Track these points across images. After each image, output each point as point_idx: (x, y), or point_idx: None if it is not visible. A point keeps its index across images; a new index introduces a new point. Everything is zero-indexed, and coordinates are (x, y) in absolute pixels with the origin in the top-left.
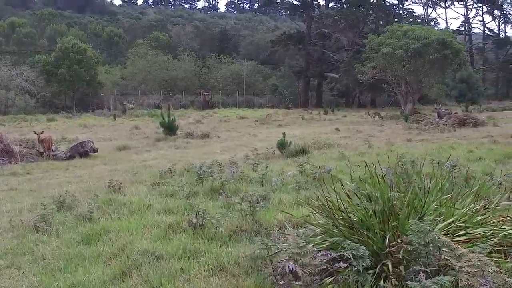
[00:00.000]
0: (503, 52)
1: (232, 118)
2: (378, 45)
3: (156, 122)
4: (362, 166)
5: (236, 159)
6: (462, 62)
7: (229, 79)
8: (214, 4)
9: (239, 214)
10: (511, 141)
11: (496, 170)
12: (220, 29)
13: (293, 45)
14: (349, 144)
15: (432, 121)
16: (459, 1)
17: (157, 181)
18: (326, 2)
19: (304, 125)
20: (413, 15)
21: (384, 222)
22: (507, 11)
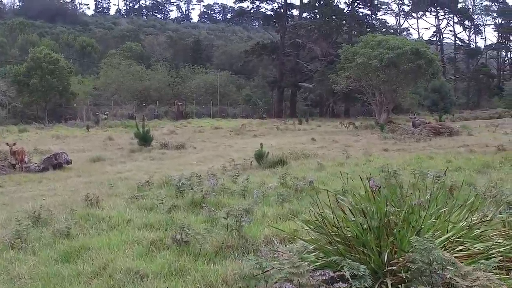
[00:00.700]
0: (474, 62)
1: (207, 129)
2: (353, 55)
3: (130, 133)
4: (342, 176)
5: (213, 170)
6: (436, 71)
7: (202, 89)
8: (187, 14)
9: (225, 230)
10: (487, 151)
11: (477, 180)
12: (193, 39)
13: (267, 55)
14: (326, 154)
15: (407, 130)
16: (430, 11)
17: (135, 194)
18: (299, 12)
19: (279, 135)
20: (386, 25)
21: (380, 238)
22: (477, 21)
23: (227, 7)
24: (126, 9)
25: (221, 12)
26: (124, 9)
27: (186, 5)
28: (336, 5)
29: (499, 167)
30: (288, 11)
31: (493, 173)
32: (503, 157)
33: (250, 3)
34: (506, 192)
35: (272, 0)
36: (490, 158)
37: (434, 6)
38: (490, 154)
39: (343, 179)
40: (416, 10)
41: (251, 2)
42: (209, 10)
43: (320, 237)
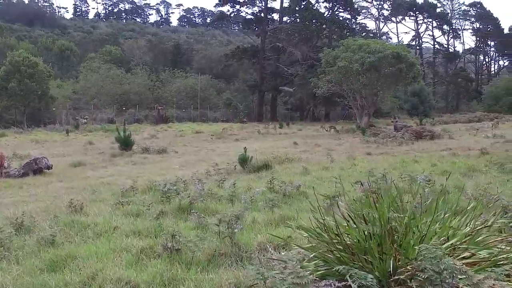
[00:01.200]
0: (452, 66)
1: (188, 133)
2: (334, 59)
3: (111, 137)
4: (328, 181)
5: (198, 175)
6: (416, 75)
7: (183, 93)
8: (167, 18)
9: (216, 237)
10: (471, 154)
11: (464, 183)
12: (173, 43)
13: (247, 59)
14: (310, 158)
15: (390, 134)
16: (409, 16)
17: (120, 200)
18: (280, 16)
19: (261, 139)
20: (366, 29)
21: (383, 245)
22: (456, 26)
23: (206, 11)
24: (105, 13)
25: (200, 16)
26: (103, 13)
27: (166, 9)
28: (316, 9)
29: (485, 171)
30: (268, 15)
31: (480, 176)
32: (488, 161)
33: (230, 7)
34: (501, 197)
35: (252, 4)
36: (475, 162)
37: (413, 11)
38: (474, 158)
39: (331, 184)
40: (396, 15)
41: (231, 6)
42: (188, 14)
43: (320, 244)
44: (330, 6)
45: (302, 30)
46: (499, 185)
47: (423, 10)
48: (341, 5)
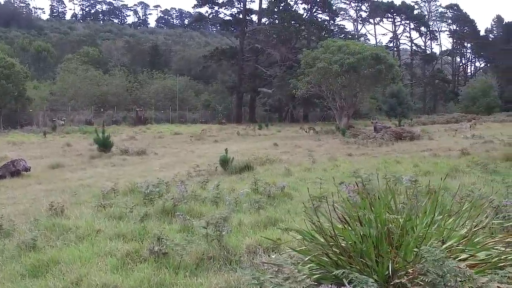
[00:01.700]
0: (430, 67)
1: (167, 134)
2: (313, 60)
3: (89, 138)
4: (312, 182)
5: (179, 176)
6: (396, 76)
7: (161, 95)
8: (144, 19)
9: (204, 239)
10: (452, 154)
11: (449, 184)
12: (151, 44)
13: (226, 60)
14: (291, 160)
15: (370, 135)
16: (387, 18)
17: (101, 202)
18: (258, 17)
19: (240, 140)
20: (344, 31)
21: (379, 248)
22: (433, 28)
23: (184, 13)
24: (82, 14)
25: (178, 18)
26: (80, 14)
27: (143, 10)
28: (295, 11)
29: (468, 171)
30: (247, 16)
31: (464, 177)
32: (469, 161)
33: (208, 8)
34: (490, 197)
35: (231, 5)
36: (457, 162)
37: (390, 13)
38: (455, 158)
39: (315, 185)
40: (373, 16)
41: (210, 7)
42: (166, 15)
43: (314, 247)
44: (308, 7)
45: (280, 31)
46: (484, 185)
47: (400, 12)
48: (319, 7)
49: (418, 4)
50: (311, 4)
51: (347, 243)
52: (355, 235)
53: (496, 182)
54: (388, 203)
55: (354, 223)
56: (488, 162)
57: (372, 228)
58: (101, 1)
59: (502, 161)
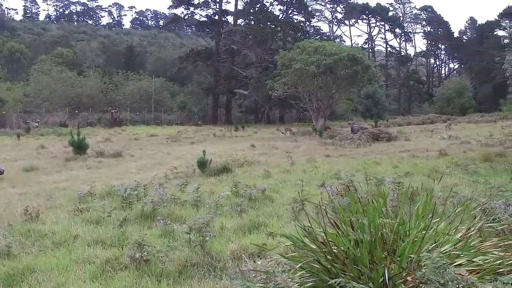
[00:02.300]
0: (404, 68)
1: (142, 136)
2: (290, 61)
3: (64, 140)
4: (292, 184)
5: (157, 179)
6: (372, 77)
7: (136, 96)
8: (119, 20)
9: (187, 245)
10: (430, 155)
11: (428, 184)
12: (126, 46)
13: (202, 61)
14: (269, 161)
15: (347, 136)
16: (362, 19)
17: (78, 206)
18: (234, 18)
19: (217, 142)
20: (320, 32)
21: (373, 254)
22: (408, 29)
23: (159, 14)
24: (56, 15)
25: (153, 19)
26: (54, 15)
27: (118, 11)
28: (271, 12)
29: (448, 172)
30: (223, 17)
31: (445, 178)
32: (449, 162)
33: (184, 9)
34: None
35: (206, 6)
36: (435, 163)
37: (366, 14)
38: (433, 159)
39: (296, 187)
40: (349, 18)
41: (186, 8)
42: (141, 16)
43: (305, 253)
44: (284, 8)
45: (256, 33)
46: (466, 186)
47: (375, 14)
48: (295, 8)
49: (393, 5)
50: (286, 6)
51: (340, 249)
52: (348, 240)
53: (479, 183)
54: (381, 207)
55: (346, 228)
56: (468, 163)
57: (366, 233)
58: (75, 2)
59: (481, 162)
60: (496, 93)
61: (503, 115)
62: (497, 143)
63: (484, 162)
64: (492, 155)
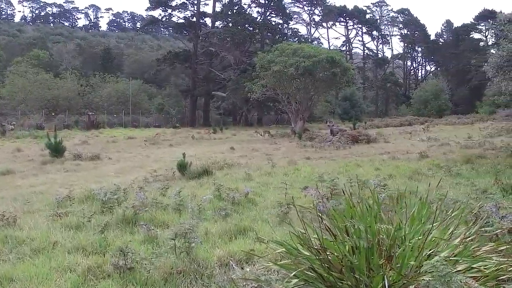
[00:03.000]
0: (382, 71)
1: (120, 139)
2: (268, 63)
3: (40, 143)
4: (274, 187)
5: (136, 182)
6: (350, 79)
7: (114, 98)
8: (95, 22)
9: (172, 252)
10: (410, 157)
11: (412, 187)
12: (103, 48)
13: (180, 63)
14: (249, 164)
15: (326, 138)
16: (340, 22)
17: (56, 211)
18: (212, 20)
19: (195, 144)
20: (298, 34)
21: (370, 261)
22: (385, 32)
23: (136, 16)
24: (31, 16)
25: (130, 21)
26: (29, 16)
27: (94, 13)
28: (249, 14)
29: (431, 175)
30: (201, 19)
31: (429, 180)
32: (430, 164)
33: (162, 11)
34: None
35: (184, 8)
36: (417, 165)
37: (343, 17)
38: (414, 161)
39: (279, 190)
40: (326, 20)
41: (163, 10)
42: (118, 18)
43: (298, 261)
44: (262, 11)
45: (234, 35)
46: (450, 189)
47: (353, 16)
48: (273, 10)
49: (370, 8)
50: (264, 8)
51: (335, 257)
52: (345, 247)
53: (463, 185)
54: (377, 212)
55: (342, 234)
56: (449, 164)
57: (362, 239)
58: (51, 4)
59: (462, 164)
60: (472, 95)
61: (479, 116)
62: (477, 144)
63: (465, 164)
64: (472, 156)
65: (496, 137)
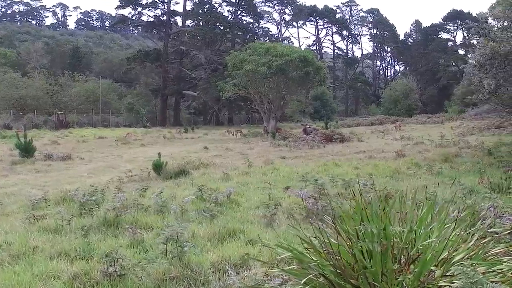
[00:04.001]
0: (351, 70)
1: (90, 138)
2: (241, 62)
3: (8, 143)
4: (254, 187)
5: (112, 183)
6: (323, 79)
7: (83, 98)
8: (63, 21)
9: (163, 257)
10: (387, 156)
11: (395, 186)
12: (71, 46)
13: (150, 62)
14: (225, 163)
15: (300, 137)
16: (310, 21)
17: (33, 214)
18: (183, 19)
19: (168, 144)
20: (269, 33)
21: (383, 266)
22: (354, 32)
23: (105, 14)
24: None
25: (99, 19)
26: None
27: (62, 12)
28: (220, 13)
29: (412, 174)
30: (171, 18)
31: (411, 179)
32: (409, 163)
33: (132, 9)
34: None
35: (154, 7)
36: (396, 164)
37: (313, 16)
38: (392, 160)
39: (260, 190)
40: (297, 20)
41: (133, 8)
42: (86, 17)
43: (306, 266)
44: (233, 10)
45: (205, 34)
46: (434, 188)
47: (323, 16)
48: (244, 9)
49: (340, 8)
50: (235, 7)
51: (346, 262)
52: (360, 252)
53: (448, 184)
54: (388, 214)
55: (355, 238)
56: (430, 163)
57: (375, 243)
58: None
59: (441, 163)
60: (441, 95)
61: (448, 116)
62: (451, 143)
63: (444, 163)
64: (450, 155)
65: (468, 136)
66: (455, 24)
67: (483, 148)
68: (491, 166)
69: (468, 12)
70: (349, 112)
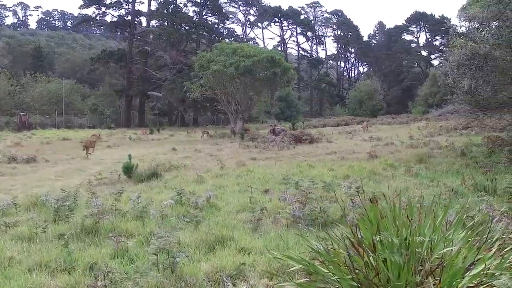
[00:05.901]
0: (316, 71)
1: (54, 140)
2: (208, 62)
3: None
4: (229, 189)
5: (82, 186)
6: (290, 79)
7: (46, 99)
8: (24, 20)
9: (155, 268)
10: (359, 157)
11: (375, 188)
12: (33, 46)
13: (114, 63)
14: (195, 165)
15: (269, 138)
16: (275, 22)
17: (4, 220)
18: (147, 19)
19: (134, 145)
20: (234, 34)
21: (404, 278)
22: (319, 33)
23: (67, 14)
24: None
25: (60, 19)
26: None
27: (23, 11)
28: (185, 13)
29: (390, 175)
30: (136, 18)
31: (389, 180)
32: (383, 164)
33: (95, 9)
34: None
35: (119, 7)
36: (371, 165)
37: (278, 17)
38: (365, 161)
39: (239, 194)
40: (262, 20)
41: (97, 7)
42: (47, 16)
43: (320, 279)
44: (198, 10)
45: (170, 34)
46: (417, 189)
47: (288, 17)
48: (209, 10)
49: (304, 9)
50: (200, 7)
51: (366, 274)
52: (386, 265)
53: (430, 186)
54: (408, 221)
55: (378, 249)
56: (407, 164)
57: (396, 254)
58: None
59: (415, 163)
60: (404, 95)
61: (413, 116)
62: (421, 144)
63: (419, 164)
64: (424, 156)
65: (436, 136)
66: (418, 25)
67: (455, 148)
68: (468, 167)
69: (431, 14)
70: (313, 112)
